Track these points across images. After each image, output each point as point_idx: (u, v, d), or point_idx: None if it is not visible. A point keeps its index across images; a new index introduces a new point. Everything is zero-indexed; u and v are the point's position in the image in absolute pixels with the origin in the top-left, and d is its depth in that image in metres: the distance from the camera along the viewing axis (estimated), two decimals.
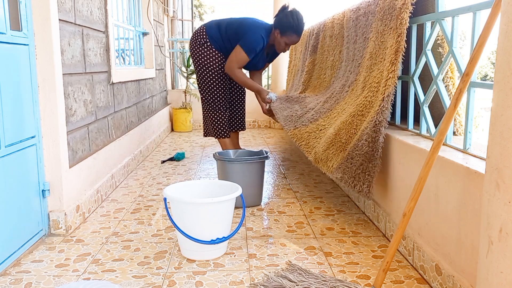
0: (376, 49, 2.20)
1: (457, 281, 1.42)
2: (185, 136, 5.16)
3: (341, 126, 2.27)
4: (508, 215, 0.95)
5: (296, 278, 1.62)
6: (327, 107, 2.69)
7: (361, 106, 2.19)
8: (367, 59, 2.29)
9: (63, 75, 2.20)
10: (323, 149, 2.32)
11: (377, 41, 2.19)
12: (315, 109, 2.81)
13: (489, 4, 1.38)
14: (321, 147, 2.36)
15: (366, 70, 2.30)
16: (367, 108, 2.14)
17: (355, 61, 2.56)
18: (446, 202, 1.51)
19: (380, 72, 2.09)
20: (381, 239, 2.05)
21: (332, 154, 2.24)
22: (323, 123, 2.57)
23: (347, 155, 2.12)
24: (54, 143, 2.09)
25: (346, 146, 2.17)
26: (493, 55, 20.58)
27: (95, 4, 2.76)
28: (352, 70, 2.60)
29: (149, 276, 1.71)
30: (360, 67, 2.43)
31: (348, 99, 2.48)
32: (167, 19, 5.96)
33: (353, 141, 2.11)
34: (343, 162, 2.14)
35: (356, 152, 2.07)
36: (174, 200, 1.85)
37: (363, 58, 2.40)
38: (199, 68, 3.34)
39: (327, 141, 2.32)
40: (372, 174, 2.01)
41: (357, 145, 2.07)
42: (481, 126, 12.49)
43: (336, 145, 2.24)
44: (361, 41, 2.47)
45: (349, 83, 2.61)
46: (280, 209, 2.50)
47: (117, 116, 3.20)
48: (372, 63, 2.23)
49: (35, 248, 1.97)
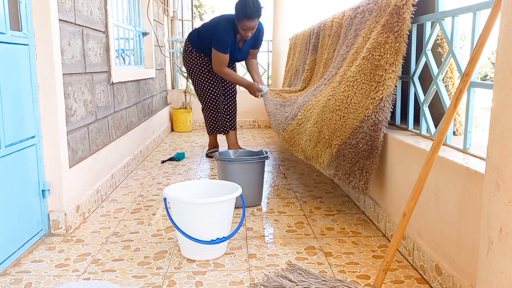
0: (362, 44, 2.20)
1: (457, 281, 1.42)
2: (185, 136, 5.16)
3: (322, 123, 2.29)
4: (508, 215, 0.95)
5: (296, 278, 1.62)
6: (306, 99, 2.71)
7: (339, 101, 2.20)
8: (352, 54, 2.29)
9: (63, 75, 2.20)
10: (312, 147, 2.34)
11: (365, 37, 2.19)
12: (297, 105, 2.83)
13: (489, 4, 1.38)
14: (308, 144, 2.38)
15: (347, 64, 2.30)
16: (345, 104, 2.15)
17: (340, 56, 2.56)
18: (446, 202, 1.51)
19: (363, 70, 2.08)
20: (381, 239, 2.05)
21: (321, 151, 2.27)
22: (300, 117, 2.59)
23: (337, 152, 2.14)
24: (54, 143, 2.09)
25: (331, 142, 2.20)
26: (493, 55, 20.58)
27: (95, 4, 2.76)
28: (335, 65, 2.60)
29: (149, 276, 1.71)
30: (344, 61, 2.44)
31: (324, 91, 2.50)
32: (167, 19, 5.96)
33: (341, 138, 2.13)
34: (334, 159, 2.16)
35: (348, 150, 2.07)
36: (174, 200, 1.85)
37: (348, 53, 2.41)
38: (190, 72, 3.70)
39: (314, 138, 2.35)
40: (369, 171, 2.01)
41: (349, 143, 2.07)
42: (481, 126, 12.49)
43: (321, 142, 2.28)
44: (351, 37, 2.47)
45: (329, 77, 2.62)
46: (280, 209, 2.50)
47: (117, 116, 3.21)
48: (354, 58, 2.23)
49: (35, 248, 1.97)
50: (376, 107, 1.97)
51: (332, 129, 2.21)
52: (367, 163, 2.01)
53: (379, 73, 1.99)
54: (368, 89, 2.03)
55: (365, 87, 2.05)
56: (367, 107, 2.02)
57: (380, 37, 2.00)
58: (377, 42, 2.02)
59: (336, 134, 2.17)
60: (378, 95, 1.97)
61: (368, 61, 2.05)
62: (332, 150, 2.17)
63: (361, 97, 2.06)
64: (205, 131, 5.42)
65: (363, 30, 2.28)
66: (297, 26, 5.40)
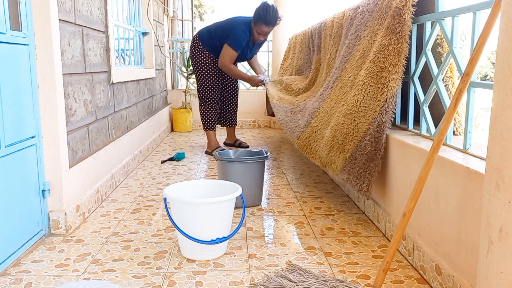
0: (368, 47, 2.19)
1: (457, 281, 1.42)
2: (185, 136, 5.16)
3: (335, 128, 2.29)
4: (508, 215, 0.95)
5: (296, 278, 1.62)
6: (316, 105, 2.71)
7: (350, 105, 2.20)
8: (358, 58, 2.28)
9: (63, 75, 2.20)
10: (326, 153, 2.34)
11: (370, 40, 2.19)
12: (308, 111, 2.83)
13: (489, 4, 1.38)
14: (323, 150, 2.37)
15: (355, 68, 2.30)
16: (356, 108, 2.15)
17: (342, 57, 2.56)
18: (446, 202, 1.51)
19: (371, 72, 2.08)
20: (381, 239, 2.05)
21: (334, 156, 2.26)
22: (315, 124, 2.58)
23: (350, 156, 2.13)
24: (54, 143, 2.09)
25: (344, 147, 2.18)
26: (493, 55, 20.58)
27: (95, 4, 2.76)
28: (338, 66, 2.60)
29: (149, 276, 1.71)
30: (347, 63, 2.43)
31: (333, 96, 2.49)
32: (167, 19, 5.96)
33: (353, 142, 2.12)
34: (347, 164, 2.15)
35: (359, 153, 2.08)
36: (174, 200, 1.85)
37: (351, 55, 2.40)
38: (195, 67, 3.96)
39: (328, 144, 2.34)
40: (372, 173, 2.01)
41: (360, 146, 2.08)
42: (481, 126, 12.49)
43: (335, 147, 2.26)
44: (352, 37, 2.47)
45: (333, 79, 2.61)
46: (280, 209, 2.50)
47: (117, 116, 3.21)
48: (362, 62, 2.23)
49: (35, 248, 1.97)
50: (381, 108, 1.98)
51: (344, 133, 2.20)
52: (371, 165, 2.01)
53: (384, 75, 1.99)
54: (376, 91, 2.04)
55: (372, 90, 2.06)
56: (374, 110, 2.02)
57: (384, 40, 2.01)
58: (382, 44, 2.02)
59: (349, 138, 2.16)
60: (383, 96, 1.97)
61: (374, 64, 2.07)
62: (346, 154, 2.17)
63: (370, 100, 2.07)
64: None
65: (365, 31, 2.28)
66: (297, 26, 5.40)
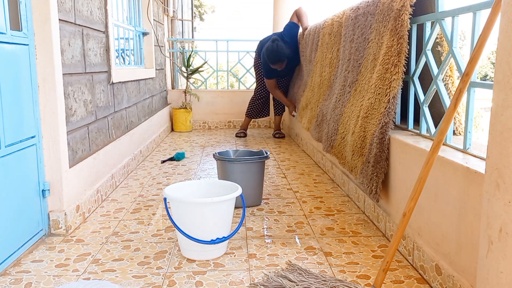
0: (378, 50, 2.20)
1: (457, 281, 1.42)
2: (185, 136, 5.17)
3: (355, 131, 2.29)
4: (508, 215, 0.95)
5: (296, 278, 1.62)
6: (338, 112, 2.70)
7: (366, 109, 2.21)
8: (371, 61, 2.29)
9: (63, 75, 2.20)
10: (350, 157, 2.36)
11: (378, 43, 2.20)
12: (332, 118, 2.82)
13: (489, 4, 1.38)
14: (349, 155, 2.38)
15: (369, 71, 2.30)
16: (370, 110, 2.16)
17: (354, 61, 2.56)
18: (446, 202, 1.51)
19: (380, 75, 2.09)
20: (381, 239, 2.05)
21: (356, 160, 2.28)
22: (342, 131, 2.58)
23: (365, 159, 2.15)
24: (54, 143, 2.09)
25: (362, 151, 2.21)
26: (493, 55, 20.58)
27: (95, 4, 2.76)
28: (350, 70, 2.60)
29: (149, 276, 1.71)
30: (361, 67, 2.43)
31: (353, 100, 2.49)
32: (167, 19, 5.96)
33: (367, 145, 2.13)
34: (364, 167, 2.17)
35: (370, 156, 2.09)
36: (174, 200, 1.85)
37: (364, 58, 2.40)
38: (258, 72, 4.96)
39: (351, 149, 2.36)
40: (379, 175, 2.02)
41: (370, 149, 2.09)
42: (481, 126, 12.50)
43: (356, 151, 2.28)
44: (360, 40, 2.47)
45: (348, 83, 2.61)
46: (280, 209, 2.50)
47: (117, 116, 3.21)
48: (374, 65, 2.23)
49: (35, 248, 1.97)
50: (385, 109, 1.98)
51: (362, 137, 2.20)
52: (378, 166, 2.02)
53: (387, 76, 2.00)
54: (383, 93, 2.04)
55: (381, 92, 2.06)
56: (380, 111, 2.03)
57: (389, 42, 2.02)
58: (387, 46, 2.03)
59: (365, 141, 2.16)
60: (387, 97, 1.98)
61: (382, 66, 2.08)
62: (363, 158, 2.18)
63: (379, 102, 2.07)
64: (204, 131, 5.62)
65: (372, 34, 2.29)
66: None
